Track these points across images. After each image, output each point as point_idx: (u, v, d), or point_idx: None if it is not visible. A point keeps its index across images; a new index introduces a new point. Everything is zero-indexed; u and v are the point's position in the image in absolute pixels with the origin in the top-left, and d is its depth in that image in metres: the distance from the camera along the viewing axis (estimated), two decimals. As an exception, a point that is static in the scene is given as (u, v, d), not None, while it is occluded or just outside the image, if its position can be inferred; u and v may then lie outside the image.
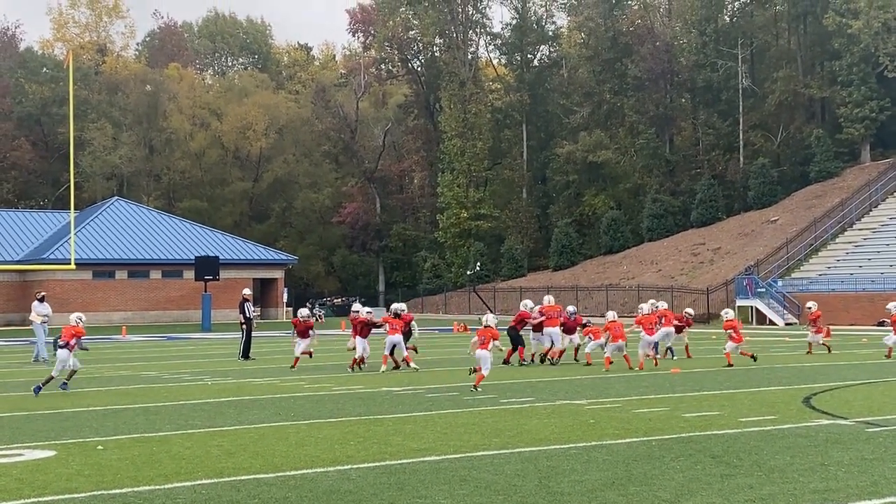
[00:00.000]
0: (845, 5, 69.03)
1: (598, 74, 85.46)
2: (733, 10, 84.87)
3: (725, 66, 77.88)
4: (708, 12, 79.70)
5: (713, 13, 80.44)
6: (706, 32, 79.16)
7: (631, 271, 71.07)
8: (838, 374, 22.61)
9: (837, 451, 11.86)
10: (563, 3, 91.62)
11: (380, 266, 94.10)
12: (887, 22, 67.81)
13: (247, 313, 30.83)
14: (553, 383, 21.50)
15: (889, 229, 59.97)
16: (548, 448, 12.53)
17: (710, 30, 79.24)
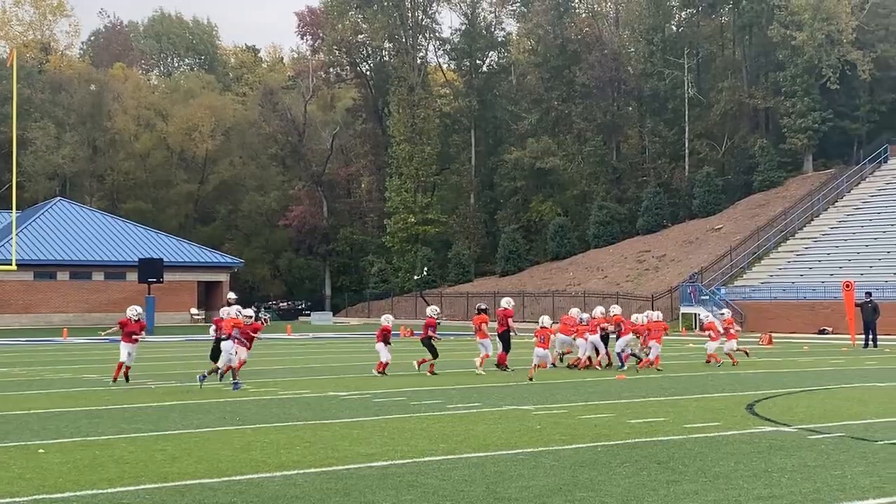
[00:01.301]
0: (790, 17, 69.91)
1: (546, 81, 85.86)
2: (680, 19, 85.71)
3: (672, 76, 78.57)
4: (655, 21, 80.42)
5: (661, 23, 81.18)
6: (653, 42, 79.86)
7: (577, 278, 71.43)
8: (781, 381, 22.86)
9: (780, 458, 11.98)
10: (513, 10, 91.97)
11: (326, 270, 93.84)
12: (831, 34, 68.76)
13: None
14: (500, 389, 21.53)
15: (830, 239, 60.75)
16: (495, 453, 12.54)
17: (657, 39, 79.94)
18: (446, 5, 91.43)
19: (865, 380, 23.33)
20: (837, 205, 65.03)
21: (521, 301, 68.48)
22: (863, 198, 64.63)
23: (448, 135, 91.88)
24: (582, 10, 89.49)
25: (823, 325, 49.89)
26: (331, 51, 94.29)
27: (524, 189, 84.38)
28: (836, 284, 46.37)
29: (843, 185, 66.40)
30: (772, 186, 72.11)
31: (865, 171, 67.44)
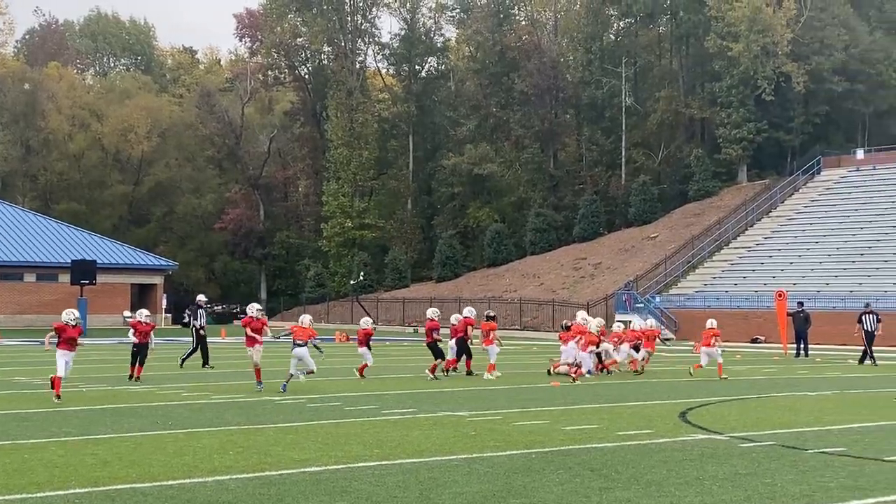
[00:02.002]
0: (726, 29, 70.73)
1: (485, 88, 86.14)
2: (618, 29, 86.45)
3: (610, 84, 79.17)
4: (594, 30, 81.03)
5: (599, 32, 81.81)
6: (592, 50, 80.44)
7: (513, 284, 71.64)
8: (713, 389, 23.06)
9: (712, 466, 12.07)
10: (452, 16, 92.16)
11: (262, 274, 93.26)
12: (766, 46, 69.69)
13: (199, 320, 30.14)
14: (435, 395, 21.50)
15: (764, 249, 61.54)
16: (429, 459, 12.50)
17: (595, 48, 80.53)
18: (386, 10, 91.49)
19: (796, 389, 23.62)
20: (771, 215, 65.91)
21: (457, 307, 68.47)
22: (796, 208, 65.58)
23: (386, 140, 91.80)
24: (521, 17, 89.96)
25: (756, 334, 50.50)
26: (269, 53, 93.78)
27: (462, 195, 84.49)
28: (769, 294, 46.98)
29: (777, 195, 67.32)
30: (707, 196, 72.87)
31: (799, 183, 68.44)
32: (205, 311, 30.73)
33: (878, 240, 57.10)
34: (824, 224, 61.78)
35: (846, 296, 49.85)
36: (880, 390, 23.64)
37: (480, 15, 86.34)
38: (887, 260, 54.04)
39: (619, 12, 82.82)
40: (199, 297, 31.35)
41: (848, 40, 73.62)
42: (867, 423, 16.67)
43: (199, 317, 30.10)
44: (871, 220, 60.02)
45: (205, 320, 30.35)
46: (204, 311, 30.62)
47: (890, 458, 12.63)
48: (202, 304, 30.90)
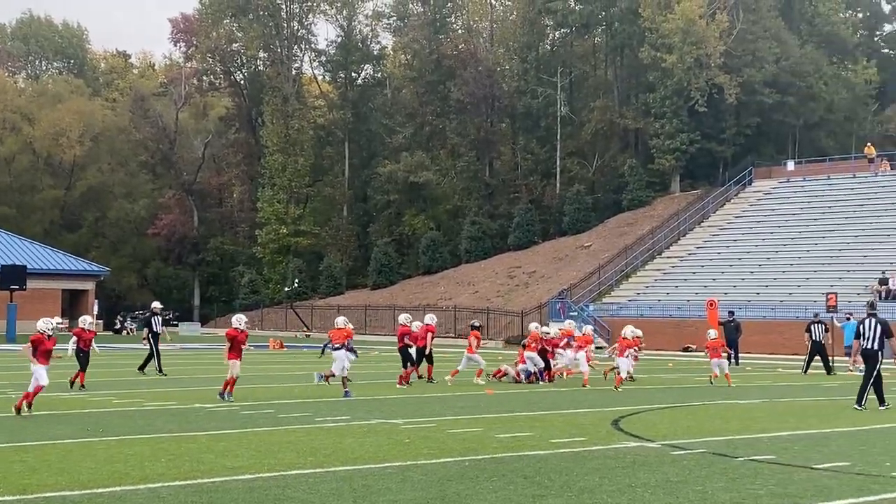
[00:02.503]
0: (660, 40, 71.47)
1: (421, 96, 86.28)
2: (554, 39, 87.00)
3: (545, 94, 79.66)
4: (529, 40, 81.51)
5: (534, 41, 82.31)
6: (527, 60, 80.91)
7: (448, 292, 71.72)
8: (646, 397, 23.26)
9: (644, 473, 12.17)
10: (389, 24, 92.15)
11: (195, 280, 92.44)
12: (699, 58, 70.54)
13: (153, 327, 29.88)
14: (370, 402, 21.46)
15: (696, 258, 62.21)
16: (363, 467, 12.47)
17: (531, 57, 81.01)
18: (322, 17, 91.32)
19: (727, 397, 23.88)
20: (703, 225, 66.65)
21: (392, 315, 68.46)
22: (728, 218, 66.37)
23: (322, 146, 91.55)
24: (458, 26, 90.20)
25: (688, 342, 50.95)
26: (204, 58, 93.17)
27: (397, 203, 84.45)
28: (700, 303, 47.42)
29: (709, 205, 68.10)
30: (640, 205, 73.52)
31: (730, 193, 69.30)
32: (160, 318, 30.62)
33: (808, 250, 57.98)
34: (755, 234, 62.60)
35: (776, 305, 50.55)
36: (809, 399, 23.99)
37: (417, 23, 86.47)
38: (816, 270, 54.87)
39: (554, 22, 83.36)
40: (155, 304, 31.42)
41: (779, 53, 74.82)
42: (796, 430, 16.90)
43: (154, 324, 29.99)
44: (801, 231, 60.94)
45: (161, 327, 30.24)
46: (160, 317, 30.53)
47: (818, 466, 12.81)
48: (157, 310, 30.89)
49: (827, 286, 48.83)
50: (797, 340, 46.77)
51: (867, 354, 20.69)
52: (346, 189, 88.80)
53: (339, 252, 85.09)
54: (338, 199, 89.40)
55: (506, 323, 61.00)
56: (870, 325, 20.64)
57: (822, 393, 25.84)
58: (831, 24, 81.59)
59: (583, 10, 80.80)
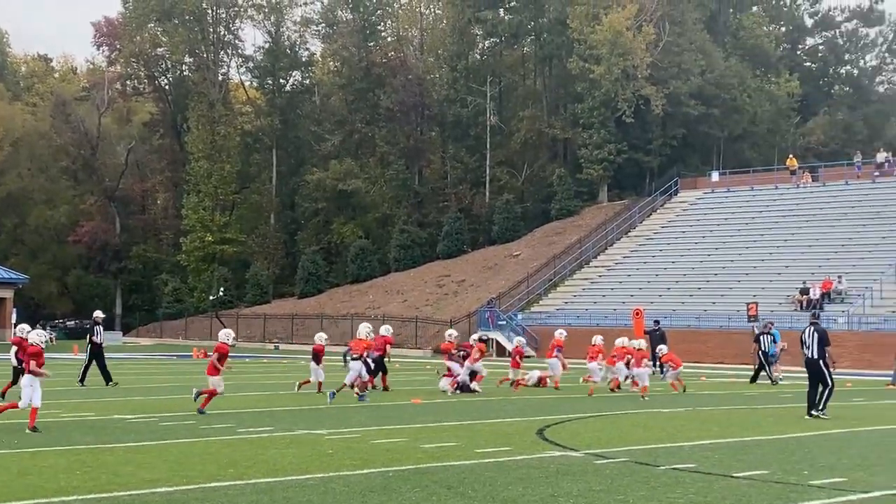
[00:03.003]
0: (588, 51, 72.03)
1: (350, 103, 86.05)
2: (484, 48, 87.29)
3: (475, 103, 79.88)
4: (459, 49, 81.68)
5: (464, 50, 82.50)
6: (457, 69, 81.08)
7: (377, 301, 71.48)
8: (571, 406, 23.29)
9: (567, 483, 12.13)
10: (317, 31, 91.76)
11: (118, 288, 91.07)
12: (627, 69, 71.17)
13: (95, 337, 29.24)
14: (294, 412, 21.23)
15: (623, 267, 62.68)
16: (285, 479, 12.29)
17: (460, 66, 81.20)
18: (250, 22, 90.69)
19: (651, 406, 23.99)
20: (630, 234, 67.20)
21: (319, 324, 68.08)
22: (654, 228, 66.99)
23: (249, 153, 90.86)
24: (387, 34, 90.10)
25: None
26: (128, 63, 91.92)
27: (326, 210, 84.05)
28: (627, 312, 47.76)
29: (636, 215, 68.71)
30: (568, 215, 73.95)
31: (657, 203, 69.99)
32: (102, 328, 30.02)
33: (732, 260, 58.69)
34: (680, 244, 63.26)
35: (701, 314, 51.08)
36: (732, 407, 24.19)
37: (346, 30, 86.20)
38: (740, 280, 55.57)
39: (484, 32, 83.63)
40: (97, 314, 30.73)
41: (704, 65, 75.78)
42: (718, 439, 17.00)
43: (95, 333, 29.43)
44: (725, 241, 61.67)
45: (102, 336, 29.60)
46: (101, 326, 29.93)
47: (738, 475, 12.87)
48: (99, 320, 30.32)
49: (750, 296, 49.48)
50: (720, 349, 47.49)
51: (808, 363, 21.03)
52: (274, 196, 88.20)
53: (266, 260, 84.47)
54: (265, 206, 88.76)
55: (434, 332, 60.91)
56: (809, 334, 20.95)
57: (745, 402, 26.10)
58: (755, 37, 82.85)
59: (512, 20, 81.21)
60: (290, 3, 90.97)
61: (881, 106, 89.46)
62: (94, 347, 29.54)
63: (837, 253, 55.70)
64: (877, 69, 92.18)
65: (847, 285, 50.50)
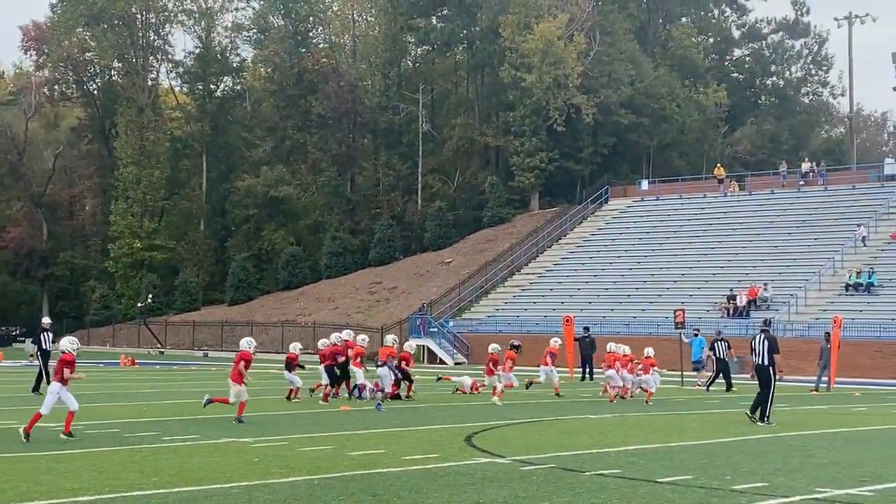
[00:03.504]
0: (520, 60, 72.41)
1: (282, 109, 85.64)
2: (416, 55, 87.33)
3: (407, 110, 79.92)
4: (392, 56, 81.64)
5: (397, 57, 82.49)
6: (389, 76, 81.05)
7: (308, 308, 71.18)
8: (500, 413, 23.34)
9: (493, 489, 12.15)
10: (249, 36, 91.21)
11: (44, 295, 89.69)
12: (558, 78, 71.63)
13: (43, 344, 28.67)
14: (220, 420, 21.02)
15: (553, 275, 63.03)
16: (208, 487, 12.18)
17: (393, 73, 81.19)
18: (180, 27, 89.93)
19: (580, 412, 24.14)
20: (561, 242, 67.62)
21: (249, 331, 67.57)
22: (584, 236, 67.47)
23: (179, 159, 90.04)
24: (319, 40, 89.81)
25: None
26: (56, 67, 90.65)
27: (257, 217, 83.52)
28: (558, 319, 48.00)
29: (567, 223, 69.15)
30: (500, 222, 74.23)
31: (587, 211, 70.51)
32: (51, 335, 29.48)
33: (661, 267, 59.28)
34: (610, 252, 63.76)
35: (630, 321, 51.49)
36: (658, 413, 24.41)
37: (278, 36, 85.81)
38: (668, 287, 56.15)
39: (416, 39, 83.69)
40: (45, 320, 30.22)
41: (634, 75, 76.54)
42: (643, 445, 17.14)
43: (43, 340, 28.88)
44: (654, 249, 62.29)
45: (50, 343, 29.12)
46: (50, 333, 29.39)
47: (662, 480, 12.99)
48: (47, 326, 29.81)
49: (678, 303, 49.89)
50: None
51: (757, 370, 21.30)
52: (204, 203, 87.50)
53: (196, 267, 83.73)
54: (195, 212, 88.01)
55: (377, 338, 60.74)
56: (760, 342, 21.20)
57: (671, 408, 26.35)
58: (684, 48, 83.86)
59: (444, 27, 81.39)
60: (221, 9, 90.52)
61: (806, 116, 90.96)
62: (44, 354, 29.00)
63: (763, 261, 56.54)
64: (802, 80, 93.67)
65: (772, 292, 51.26)
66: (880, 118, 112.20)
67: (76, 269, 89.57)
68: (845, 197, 62.22)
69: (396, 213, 79.09)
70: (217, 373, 44.41)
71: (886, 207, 57.97)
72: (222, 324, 70.37)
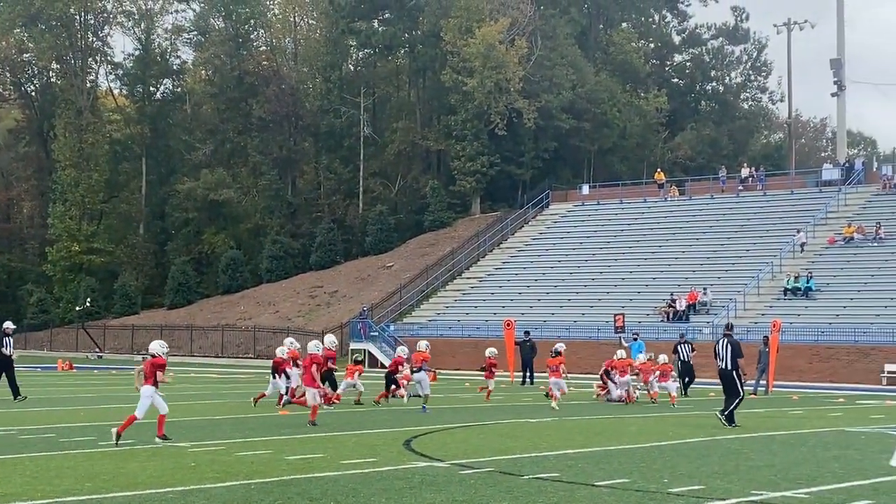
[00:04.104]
0: (462, 64, 72.57)
1: (222, 112, 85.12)
2: (357, 59, 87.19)
3: (349, 114, 79.75)
4: (333, 59, 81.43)
5: (338, 60, 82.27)
6: (331, 79, 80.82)
7: (248, 312, 70.76)
8: (440, 417, 23.34)
9: (430, 493, 12.13)
10: (189, 39, 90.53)
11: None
12: (499, 82, 71.86)
13: (4, 349, 28.02)
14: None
15: (494, 279, 63.15)
16: (143, 492, 12.04)
17: (334, 77, 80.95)
18: (119, 29, 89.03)
19: (519, 416, 24.19)
20: (502, 246, 67.76)
21: (189, 335, 67.15)
22: (525, 240, 67.66)
23: (118, 162, 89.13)
24: (260, 43, 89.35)
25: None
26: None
27: (196, 220, 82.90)
28: (498, 323, 48.10)
29: (508, 227, 69.31)
30: (442, 226, 74.28)
31: (528, 215, 70.71)
32: (11, 339, 28.84)
33: (601, 272, 59.63)
34: (551, 256, 63.98)
35: (570, 325, 51.69)
36: (598, 417, 24.53)
37: (218, 38, 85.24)
38: (608, 292, 56.46)
39: (358, 43, 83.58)
40: (7, 325, 29.40)
41: (575, 80, 76.98)
42: (582, 448, 17.23)
43: (5, 345, 28.31)
44: (595, 253, 62.64)
45: (11, 349, 28.64)
46: (11, 338, 28.74)
47: (600, 483, 13.04)
48: (9, 331, 29.14)
49: (618, 307, 50.38)
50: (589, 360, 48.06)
51: (721, 374, 21.60)
52: (143, 206, 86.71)
53: (135, 270, 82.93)
54: (134, 215, 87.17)
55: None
56: (723, 346, 21.52)
57: (611, 411, 26.49)
58: (624, 52, 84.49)
59: (386, 31, 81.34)
60: (161, 11, 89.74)
61: (746, 122, 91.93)
62: (4, 360, 28.41)
63: (703, 265, 57.07)
64: (742, 86, 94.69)
65: (712, 297, 51.75)
66: (819, 124, 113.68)
67: (13, 272, 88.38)
68: (784, 202, 62.99)
69: (338, 217, 78.88)
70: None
71: (824, 212, 58.74)
72: (162, 328, 69.63)
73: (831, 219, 58.29)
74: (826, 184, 63.43)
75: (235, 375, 46.04)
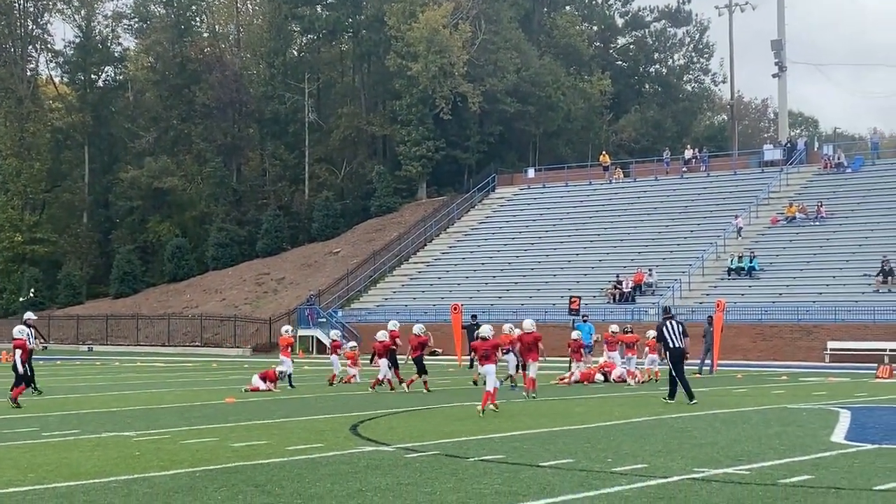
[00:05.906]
0: (406, 48, 72.43)
1: (165, 100, 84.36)
2: (301, 44, 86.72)
3: (293, 100, 79.36)
4: (276, 45, 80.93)
5: (281, 46, 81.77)
6: (274, 65, 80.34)
7: (195, 300, 70.36)
8: (385, 402, 23.39)
9: (376, 477, 12.17)
10: (130, 25, 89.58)
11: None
12: (444, 66, 71.82)
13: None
14: (101, 415, 20.70)
15: (441, 263, 63.26)
16: (87, 482, 11.97)
17: (278, 62, 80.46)
18: (59, 16, 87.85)
19: (465, 399, 24.21)
20: (449, 231, 67.86)
21: (135, 324, 66.66)
22: (472, 224, 67.82)
23: (60, 150, 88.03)
24: (203, 29, 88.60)
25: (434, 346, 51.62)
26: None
27: (141, 209, 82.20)
28: (446, 307, 48.16)
29: (455, 211, 69.41)
30: (388, 212, 74.21)
31: (475, 199, 70.86)
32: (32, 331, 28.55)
33: (548, 255, 59.90)
34: (498, 240, 64.19)
35: (518, 308, 51.82)
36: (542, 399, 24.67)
37: (160, 25, 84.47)
38: (555, 274, 56.73)
39: (301, 28, 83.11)
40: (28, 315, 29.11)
41: (519, 63, 77.10)
42: (527, 430, 17.33)
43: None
44: (541, 236, 62.90)
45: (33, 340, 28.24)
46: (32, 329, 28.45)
47: (544, 464, 13.14)
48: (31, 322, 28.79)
49: (566, 290, 50.59)
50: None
51: (676, 353, 22.43)
52: (87, 195, 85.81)
53: (79, 260, 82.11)
54: (77, 205, 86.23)
55: (254, 330, 60.33)
56: (673, 327, 22.60)
57: (558, 393, 26.66)
58: (568, 36, 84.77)
59: (329, 16, 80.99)
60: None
61: (689, 104, 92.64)
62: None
63: (648, 246, 57.50)
64: (684, 68, 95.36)
65: (657, 278, 52.18)
66: (761, 105, 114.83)
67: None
68: (727, 183, 63.60)
69: (283, 204, 78.56)
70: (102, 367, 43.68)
71: (767, 192, 59.40)
72: (107, 317, 69.14)
73: (773, 199, 58.95)
74: (768, 164, 64.09)
75: (182, 364, 45.79)
